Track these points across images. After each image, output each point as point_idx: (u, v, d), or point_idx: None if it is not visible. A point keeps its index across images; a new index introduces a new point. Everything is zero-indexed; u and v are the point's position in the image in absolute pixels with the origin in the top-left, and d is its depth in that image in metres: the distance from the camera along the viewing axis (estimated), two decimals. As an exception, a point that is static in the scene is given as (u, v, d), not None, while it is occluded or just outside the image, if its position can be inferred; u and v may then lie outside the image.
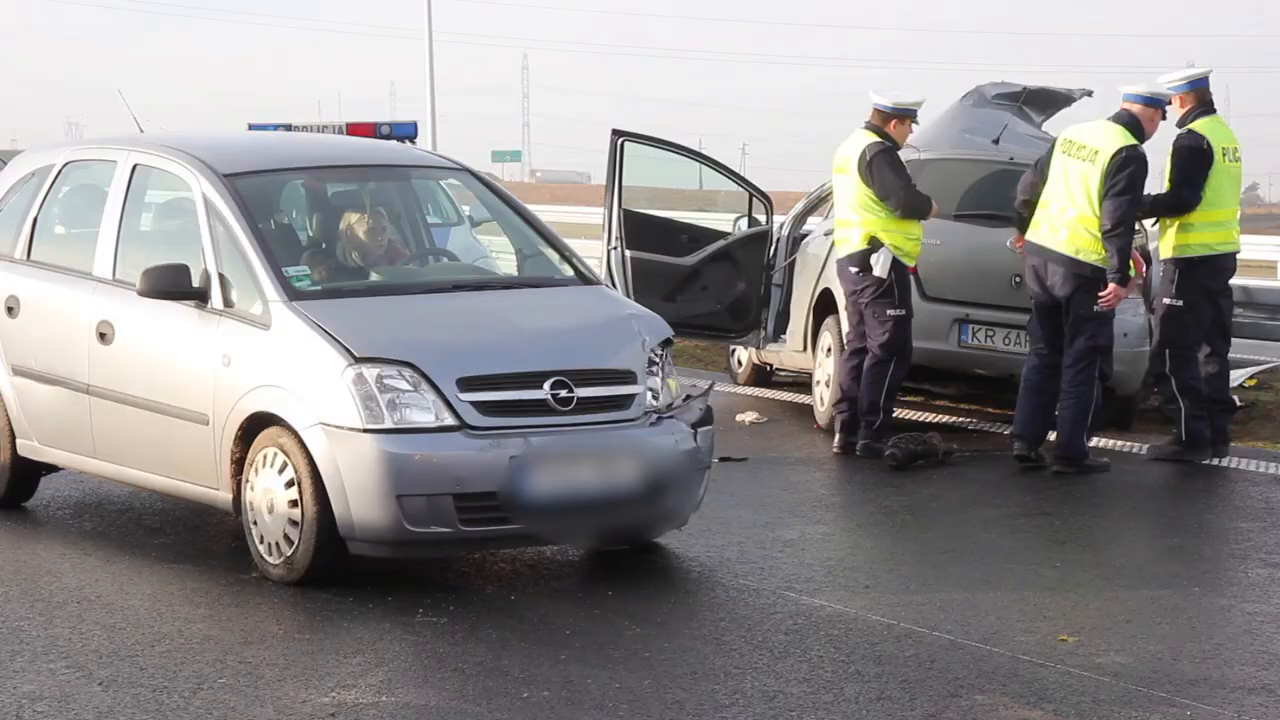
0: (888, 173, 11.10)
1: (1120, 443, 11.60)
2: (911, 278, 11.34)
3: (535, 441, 7.57)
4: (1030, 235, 10.89)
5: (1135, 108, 10.77)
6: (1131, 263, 10.75)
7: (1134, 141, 10.61)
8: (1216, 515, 9.74)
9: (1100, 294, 10.56)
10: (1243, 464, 11.08)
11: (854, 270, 11.22)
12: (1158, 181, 11.30)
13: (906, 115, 11.33)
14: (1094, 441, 11.09)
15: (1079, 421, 10.71)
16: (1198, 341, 11.08)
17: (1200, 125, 11.04)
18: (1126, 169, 10.51)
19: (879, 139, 11.23)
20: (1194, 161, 10.91)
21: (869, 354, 11.25)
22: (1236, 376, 13.18)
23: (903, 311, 11.18)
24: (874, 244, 11.14)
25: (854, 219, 11.24)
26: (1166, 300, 11.08)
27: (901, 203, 11.08)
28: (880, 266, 11.10)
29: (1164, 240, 11.13)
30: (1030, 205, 10.94)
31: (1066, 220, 10.67)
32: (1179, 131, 11.10)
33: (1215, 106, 11.22)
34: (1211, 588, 7.97)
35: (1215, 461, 11.09)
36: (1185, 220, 10.98)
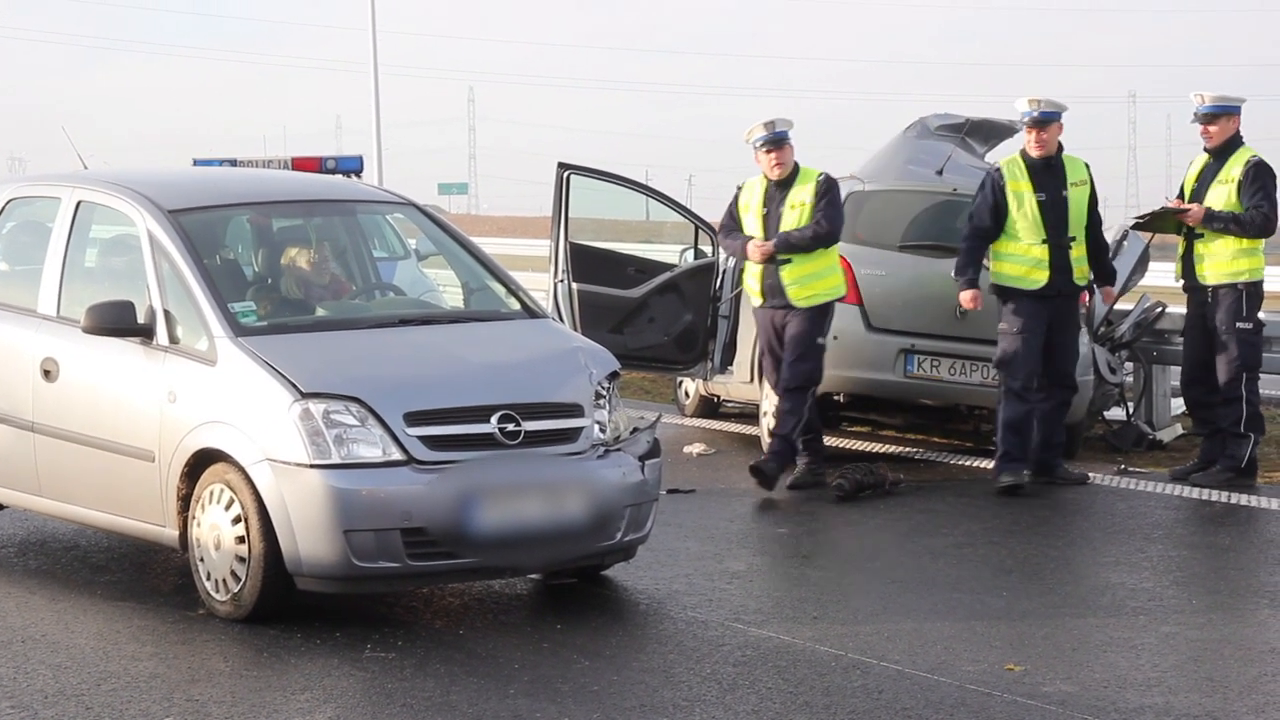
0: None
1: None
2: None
3: (482, 475, 7.57)
4: None
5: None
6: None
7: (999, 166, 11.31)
8: (1161, 544, 9.80)
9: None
10: (1189, 493, 11.13)
11: None
12: (1160, 190, 11.65)
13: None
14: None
15: (1003, 429, 11.10)
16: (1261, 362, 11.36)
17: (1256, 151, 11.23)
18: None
19: None
20: (1275, 185, 11.13)
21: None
22: None
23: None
24: None
25: None
26: (1239, 324, 11.22)
27: None
28: None
29: (1226, 265, 11.16)
30: None
31: None
32: (1255, 157, 11.13)
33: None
34: (1156, 615, 8.02)
35: (1172, 490, 11.16)
36: (1251, 245, 11.14)
